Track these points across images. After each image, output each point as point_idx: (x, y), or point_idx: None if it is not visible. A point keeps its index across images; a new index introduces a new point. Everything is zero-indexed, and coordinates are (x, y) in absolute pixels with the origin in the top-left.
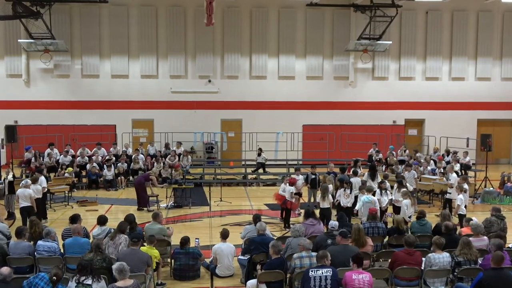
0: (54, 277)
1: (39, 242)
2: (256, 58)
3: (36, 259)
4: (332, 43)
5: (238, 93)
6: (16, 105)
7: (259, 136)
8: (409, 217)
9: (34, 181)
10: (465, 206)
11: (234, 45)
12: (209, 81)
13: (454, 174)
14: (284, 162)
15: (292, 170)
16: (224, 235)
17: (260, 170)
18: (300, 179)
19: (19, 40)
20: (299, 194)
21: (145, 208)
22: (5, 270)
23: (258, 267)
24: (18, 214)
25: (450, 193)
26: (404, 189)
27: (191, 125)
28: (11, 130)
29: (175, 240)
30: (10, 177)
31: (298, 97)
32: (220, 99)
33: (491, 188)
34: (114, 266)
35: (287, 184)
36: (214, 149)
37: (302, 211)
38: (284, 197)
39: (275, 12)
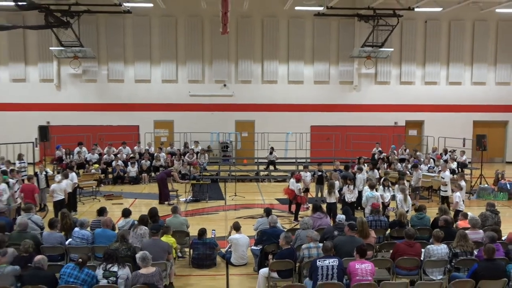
0: (80, 260)
1: (76, 229)
2: (268, 64)
3: (67, 248)
4: (337, 50)
5: (251, 96)
6: (48, 107)
7: (270, 136)
8: (407, 211)
9: (66, 176)
10: (463, 201)
11: (247, 52)
12: (224, 85)
13: (447, 172)
14: (294, 160)
15: (301, 167)
16: (237, 227)
17: (271, 167)
18: (308, 175)
19: (50, 48)
20: (307, 189)
21: (166, 202)
22: (40, 258)
23: (270, 256)
24: (50, 207)
25: (446, 190)
26: (402, 186)
27: (208, 125)
28: (43, 130)
29: (193, 232)
30: (50, 172)
31: (306, 100)
32: (234, 102)
33: (486, 185)
34: (137, 255)
35: (295, 180)
36: (229, 148)
37: (310, 205)
38: (293, 192)
39: (285, 22)
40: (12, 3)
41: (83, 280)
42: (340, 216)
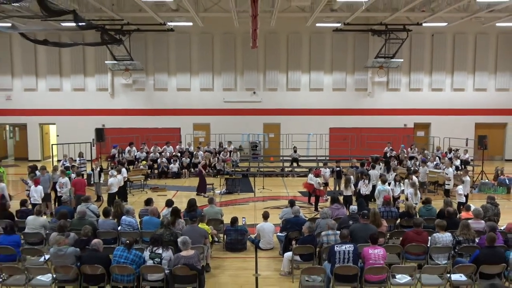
0: (127, 241)
1: (123, 217)
2: (292, 74)
3: (119, 233)
4: (353, 61)
5: (277, 102)
6: (104, 113)
7: (294, 137)
8: (416, 203)
9: (119, 172)
10: (467, 195)
11: (274, 64)
12: (254, 92)
13: (451, 169)
14: (314, 158)
15: (320, 164)
16: (265, 216)
17: (295, 164)
18: (327, 171)
19: (105, 62)
20: (326, 183)
21: (202, 194)
22: (97, 241)
23: (293, 242)
24: (103, 198)
25: (448, 184)
26: (412, 181)
27: (239, 128)
28: (100, 132)
29: (227, 220)
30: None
31: (326, 105)
32: (262, 107)
33: (487, 180)
34: (179, 239)
35: (314, 175)
36: (258, 147)
37: (329, 197)
38: (311, 186)
39: (307, 37)
40: (74, 24)
41: (132, 260)
42: (353, 207)
